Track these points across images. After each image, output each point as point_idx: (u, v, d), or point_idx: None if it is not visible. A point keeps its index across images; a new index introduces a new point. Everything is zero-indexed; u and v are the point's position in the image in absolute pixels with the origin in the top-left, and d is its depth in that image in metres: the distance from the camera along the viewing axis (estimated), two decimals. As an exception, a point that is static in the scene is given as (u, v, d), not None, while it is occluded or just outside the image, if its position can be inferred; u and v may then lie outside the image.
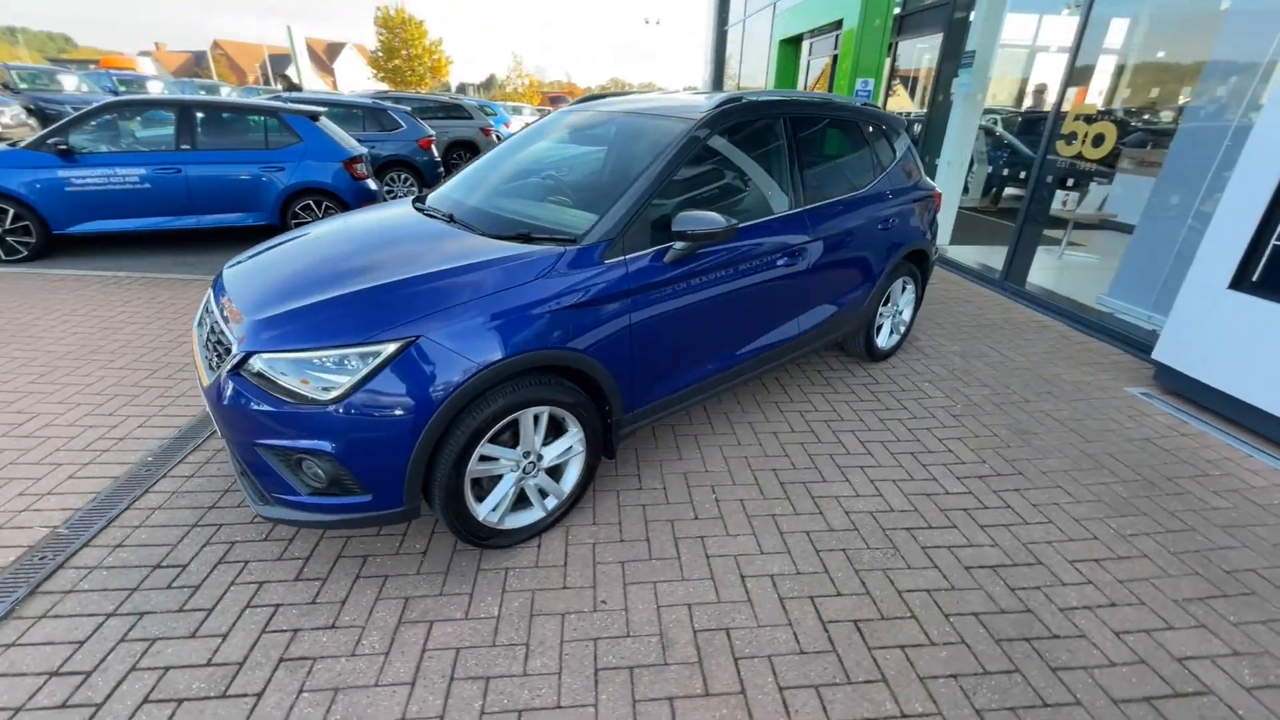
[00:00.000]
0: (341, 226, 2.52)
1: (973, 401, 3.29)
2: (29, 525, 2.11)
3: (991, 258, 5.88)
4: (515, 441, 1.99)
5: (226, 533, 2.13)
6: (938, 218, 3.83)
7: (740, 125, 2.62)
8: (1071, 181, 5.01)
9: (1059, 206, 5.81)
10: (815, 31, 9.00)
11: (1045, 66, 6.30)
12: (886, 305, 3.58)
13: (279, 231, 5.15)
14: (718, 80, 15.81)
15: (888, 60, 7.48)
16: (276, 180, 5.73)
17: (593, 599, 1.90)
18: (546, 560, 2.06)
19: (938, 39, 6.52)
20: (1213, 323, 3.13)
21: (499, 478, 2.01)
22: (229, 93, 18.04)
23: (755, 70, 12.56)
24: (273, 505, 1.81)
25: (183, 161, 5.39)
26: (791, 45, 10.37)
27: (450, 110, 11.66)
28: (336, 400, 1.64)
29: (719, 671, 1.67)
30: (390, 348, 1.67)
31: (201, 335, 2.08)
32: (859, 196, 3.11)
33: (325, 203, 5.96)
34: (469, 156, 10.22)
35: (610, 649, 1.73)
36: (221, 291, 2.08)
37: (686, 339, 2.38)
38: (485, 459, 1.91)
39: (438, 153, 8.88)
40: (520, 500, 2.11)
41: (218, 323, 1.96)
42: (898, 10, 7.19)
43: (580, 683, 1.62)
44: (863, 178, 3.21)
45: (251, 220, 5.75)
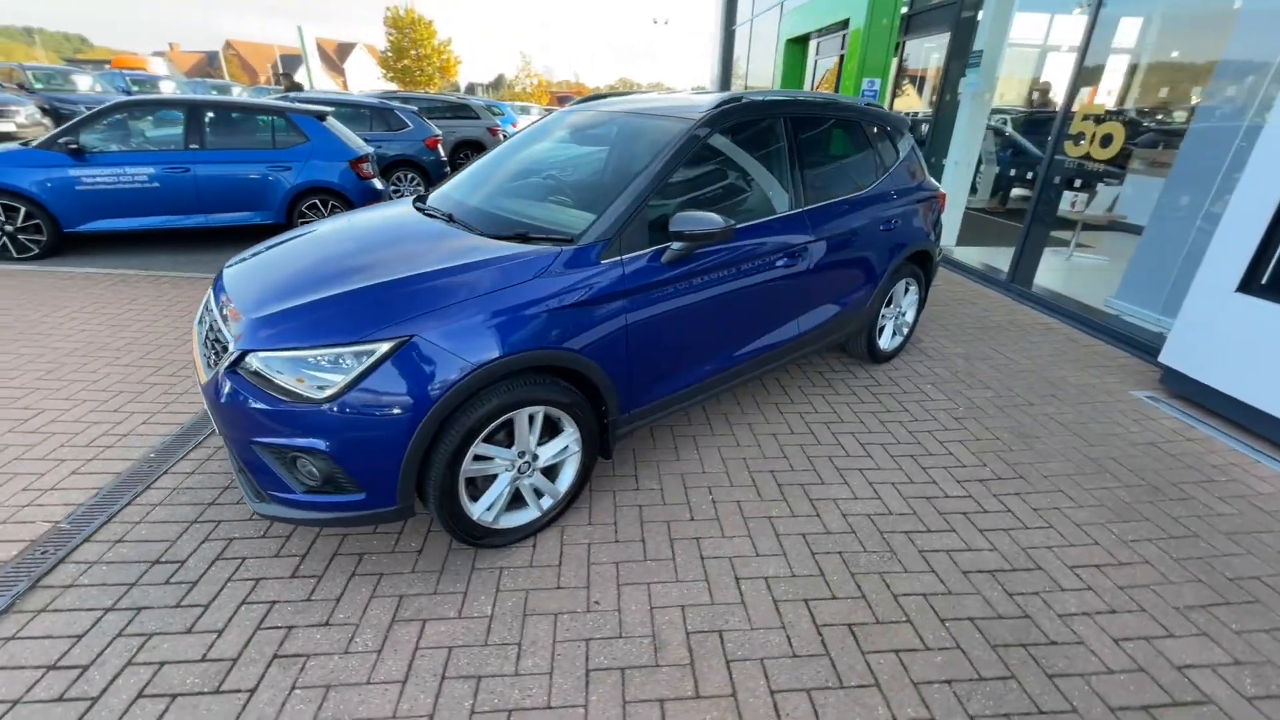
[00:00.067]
0: (341, 226, 2.54)
1: (975, 404, 3.26)
2: (32, 520, 2.14)
3: (998, 259, 5.83)
4: (510, 441, 1.99)
5: (225, 529, 2.15)
6: (942, 219, 3.81)
7: (740, 125, 2.61)
8: (1079, 182, 4.95)
9: (1067, 207, 5.75)
10: (822, 31, 8.95)
11: (1054, 66, 6.24)
12: (889, 306, 3.56)
13: (286, 231, 5.20)
14: (725, 80, 15.78)
15: (895, 60, 7.43)
16: (283, 180, 5.78)
17: (586, 599, 1.90)
18: (541, 560, 2.06)
19: (945, 38, 6.47)
20: (1221, 326, 3.09)
21: (494, 477, 2.01)
22: (240, 93, 18.21)
23: (762, 70, 12.53)
24: (269, 503, 1.82)
25: (191, 161, 5.45)
26: (798, 45, 10.33)
27: (457, 110, 11.72)
28: (330, 399, 1.65)
29: (710, 674, 1.66)
30: (384, 347, 1.67)
31: (201, 333, 2.10)
32: (860, 197, 3.10)
33: (331, 202, 6.00)
34: (475, 156, 10.28)
35: (602, 650, 1.73)
36: (221, 290, 2.10)
37: (684, 340, 2.37)
38: (480, 458, 1.91)
39: (444, 152, 8.91)
40: (515, 500, 2.11)
41: (216, 321, 1.97)
42: (905, 10, 7.14)
43: (571, 683, 1.62)
44: (865, 178, 3.19)
45: (259, 219, 5.79)
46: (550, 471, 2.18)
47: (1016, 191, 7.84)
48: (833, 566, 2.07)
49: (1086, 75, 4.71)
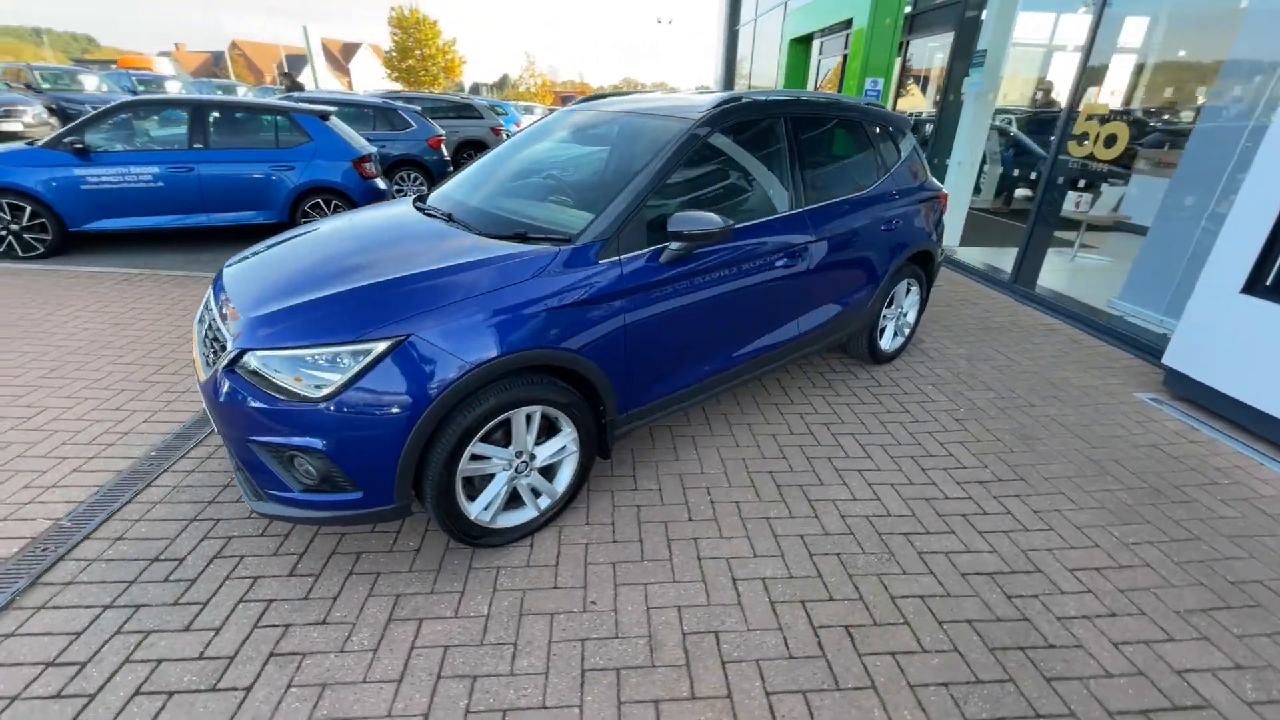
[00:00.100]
0: (341, 225, 2.54)
1: (976, 405, 3.24)
2: (33, 517, 2.15)
3: (1002, 259, 5.80)
4: (508, 441, 1.99)
5: (224, 527, 2.15)
6: (944, 219, 3.79)
7: (740, 125, 2.61)
8: (1083, 183, 4.92)
9: (1071, 208, 5.72)
10: (825, 31, 8.93)
11: (1058, 66, 6.21)
12: (890, 307, 3.54)
13: (286, 230, 5.21)
14: (729, 80, 15.76)
15: (898, 60, 7.41)
16: (287, 179, 5.80)
17: (583, 599, 1.90)
18: (538, 560, 2.06)
19: (949, 38, 6.44)
20: (1225, 327, 3.07)
21: (491, 477, 2.01)
22: (245, 92, 18.29)
23: (766, 70, 12.51)
24: (267, 501, 1.82)
25: (195, 160, 5.47)
26: (802, 45, 10.31)
27: (461, 110, 11.74)
28: (328, 398, 1.65)
29: (706, 675, 1.66)
30: (381, 346, 1.67)
31: (200, 332, 2.11)
32: (861, 197, 3.08)
33: (335, 201, 6.02)
34: (478, 156, 10.29)
35: (598, 650, 1.72)
36: (221, 290, 2.11)
37: (683, 340, 2.37)
38: (477, 458, 1.91)
39: (447, 152, 8.93)
40: (513, 499, 2.11)
41: (215, 320, 1.98)
42: (909, 9, 7.12)
43: (566, 683, 1.62)
44: (866, 178, 3.18)
45: (262, 218, 5.81)
46: (548, 471, 2.18)
47: (1021, 192, 7.81)
48: (830, 568, 2.07)
49: (1091, 75, 4.68)
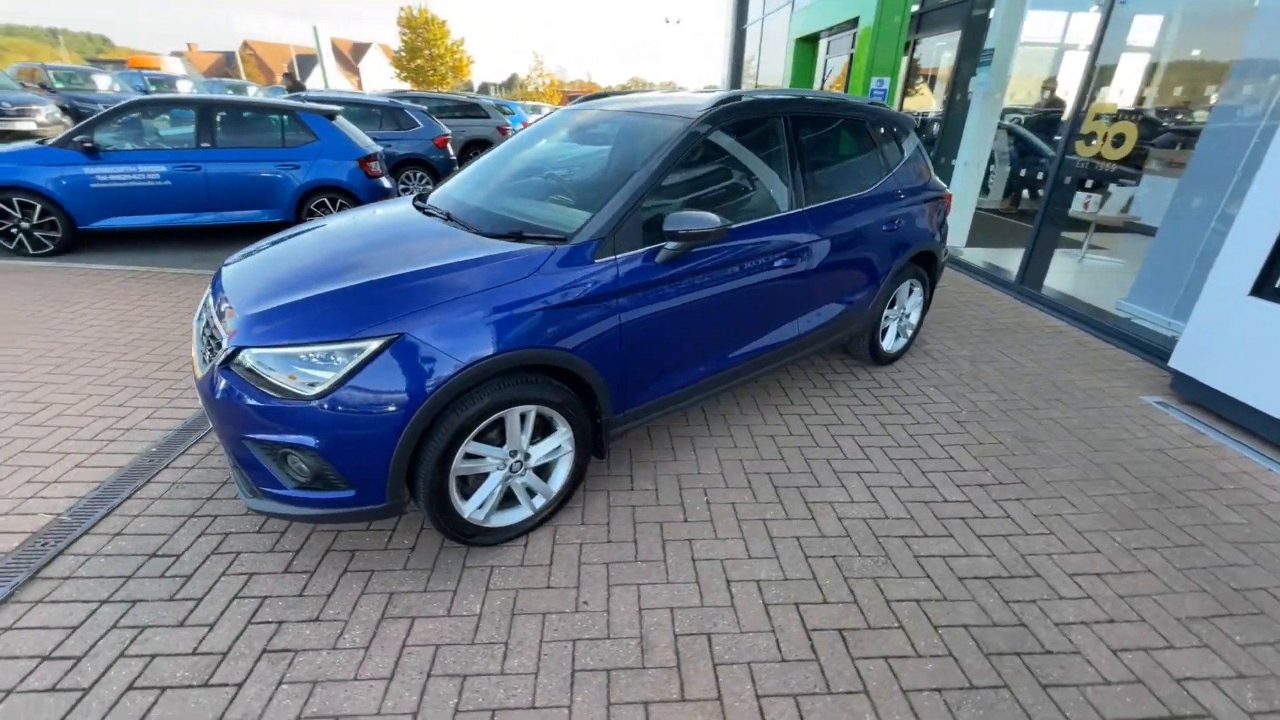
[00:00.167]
0: (340, 224, 2.55)
1: (979, 408, 3.21)
2: (34, 512, 2.17)
3: (1008, 260, 5.74)
4: (502, 440, 1.99)
5: (221, 524, 2.17)
6: (948, 219, 3.76)
7: (740, 124, 2.59)
8: (1090, 183, 4.87)
9: (1080, 208, 5.66)
10: (832, 30, 8.88)
11: (1066, 65, 6.14)
12: (892, 308, 3.51)
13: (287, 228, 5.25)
14: (735, 79, 15.71)
15: (905, 59, 7.35)
16: (293, 178, 5.84)
17: (575, 600, 1.89)
18: (532, 559, 2.06)
19: (956, 36, 6.39)
20: (1233, 330, 3.02)
21: (486, 476, 2.01)
22: (255, 92, 18.43)
23: (773, 69, 12.45)
24: (261, 499, 1.83)
25: (202, 159, 5.52)
26: (809, 44, 10.25)
27: (468, 109, 11.79)
28: (320, 396, 1.66)
29: (697, 677, 1.65)
30: (373, 345, 1.68)
31: (199, 329, 2.12)
32: (862, 197, 3.06)
33: (340, 200, 6.06)
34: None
35: (589, 650, 1.72)
36: (219, 288, 2.12)
37: (679, 340, 2.36)
38: (471, 457, 1.91)
39: (453, 151, 8.96)
40: (508, 499, 2.11)
41: (212, 318, 1.99)
42: (916, 8, 7.06)
43: (556, 684, 1.62)
44: (868, 178, 3.16)
45: (268, 217, 5.86)
46: (543, 471, 2.18)
47: (1029, 192, 7.73)
48: (826, 570, 2.05)
49: (1098, 74, 4.62)
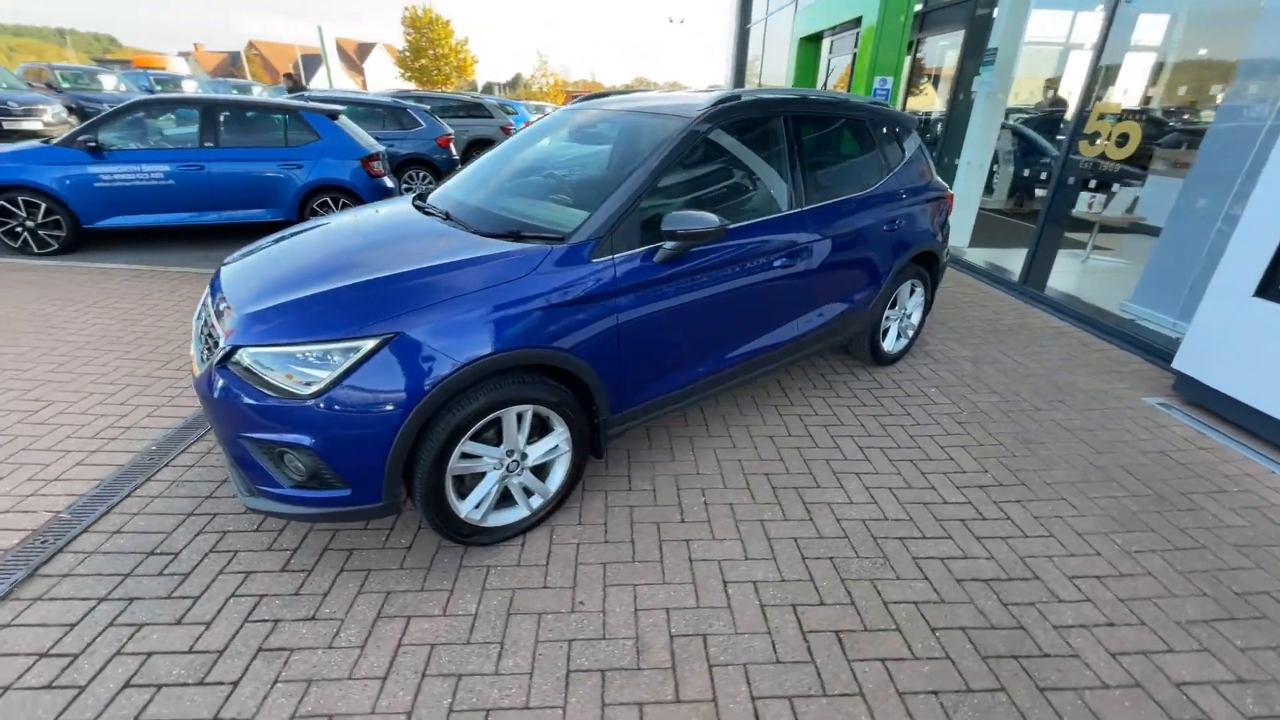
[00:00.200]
0: (339, 223, 2.56)
1: (980, 409, 3.19)
2: (34, 510, 2.19)
3: (1011, 261, 5.71)
4: (499, 439, 1.99)
5: (220, 522, 2.17)
6: (950, 220, 3.74)
7: (739, 124, 2.58)
8: (1094, 183, 4.83)
9: (1085, 209, 5.62)
10: (835, 29, 8.85)
11: (1070, 64, 6.10)
12: (893, 308, 3.50)
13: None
14: (739, 79, 15.68)
15: (908, 58, 7.32)
16: (295, 177, 5.85)
17: (571, 600, 1.89)
18: (529, 559, 2.06)
19: (960, 36, 6.36)
20: (1237, 331, 2.99)
21: (482, 475, 2.01)
22: (260, 92, 18.50)
23: (777, 69, 12.43)
24: (258, 497, 1.83)
25: (206, 159, 5.54)
26: (812, 43, 10.22)
27: (471, 109, 11.82)
28: (316, 395, 1.66)
29: (692, 678, 1.65)
30: (369, 344, 1.68)
31: (197, 328, 2.12)
32: (863, 197, 3.05)
33: (342, 199, 6.07)
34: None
35: (584, 651, 1.72)
36: (218, 287, 2.13)
37: (678, 341, 2.35)
38: (468, 456, 1.91)
39: (456, 151, 8.98)
40: (505, 498, 2.11)
41: (210, 317, 2.00)
42: (919, 7, 7.03)
43: (551, 684, 1.62)
44: (868, 177, 3.14)
45: (271, 216, 5.87)
46: (541, 470, 2.18)
47: (1033, 192, 7.67)
48: (823, 572, 2.04)
49: (1102, 73, 4.59)
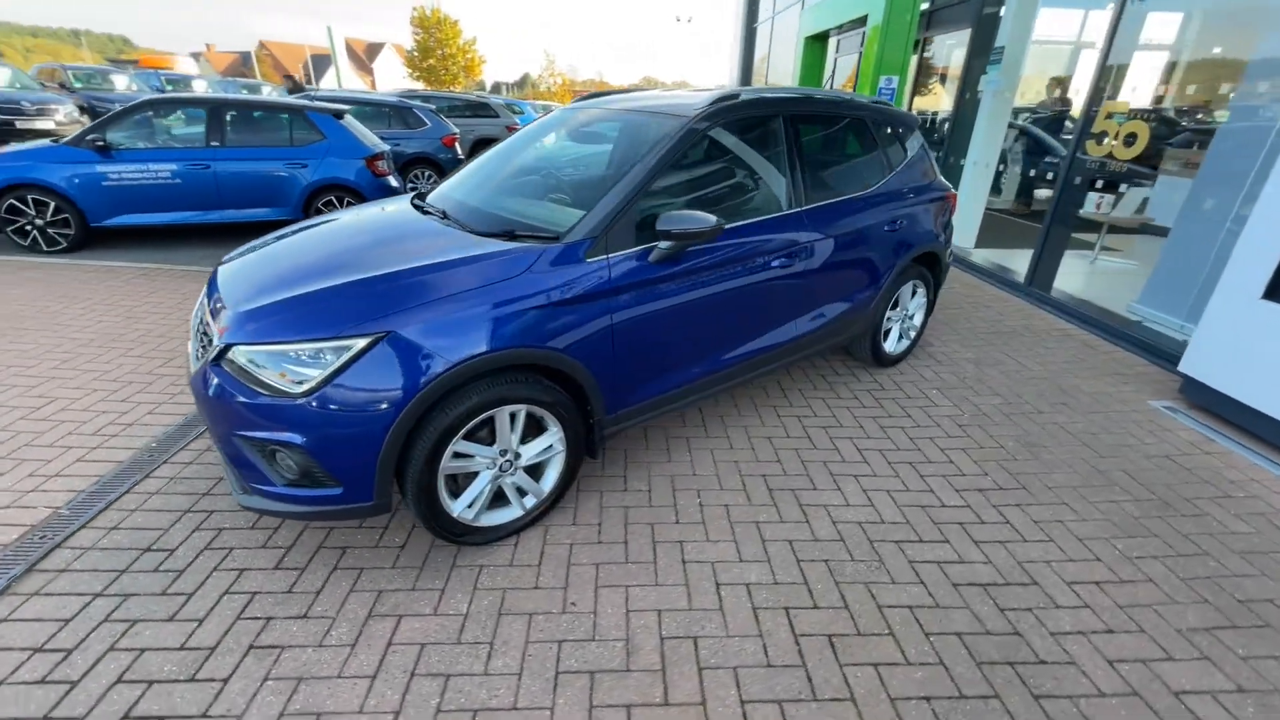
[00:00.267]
0: (337, 222, 2.56)
1: (981, 411, 3.16)
2: (34, 505, 2.21)
3: (1017, 262, 5.65)
4: (493, 439, 1.99)
5: (216, 520, 2.18)
6: (953, 220, 3.70)
7: (738, 123, 2.57)
8: (1101, 183, 4.77)
9: (1092, 209, 5.55)
10: (842, 28, 8.81)
11: (1078, 63, 6.03)
12: (895, 309, 3.47)
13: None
14: (745, 77, 15.64)
15: (915, 57, 7.27)
16: (300, 176, 5.89)
17: (563, 600, 1.89)
18: (521, 559, 2.05)
19: (966, 34, 6.30)
20: (1244, 334, 2.95)
21: (475, 474, 2.01)
22: (269, 92, 18.63)
23: (784, 68, 12.38)
24: (252, 495, 1.84)
25: (212, 158, 5.58)
26: (818, 42, 10.18)
27: (477, 108, 11.87)
28: (308, 393, 1.66)
29: (681, 681, 1.64)
30: (361, 342, 1.68)
31: (194, 326, 2.14)
32: (863, 196, 3.02)
33: (347, 198, 6.10)
34: (493, 154, 10.37)
35: (574, 652, 1.71)
36: (214, 286, 2.14)
37: (674, 341, 2.34)
38: (460, 456, 1.91)
39: (462, 150, 9.00)
40: (498, 498, 2.10)
41: (205, 315, 2.01)
42: (926, 5, 6.98)
43: (539, 685, 1.61)
44: (869, 177, 3.12)
45: (276, 215, 5.91)
46: (535, 470, 2.17)
47: (1042, 193, 7.60)
48: (817, 575, 2.03)
49: (1110, 72, 4.54)
